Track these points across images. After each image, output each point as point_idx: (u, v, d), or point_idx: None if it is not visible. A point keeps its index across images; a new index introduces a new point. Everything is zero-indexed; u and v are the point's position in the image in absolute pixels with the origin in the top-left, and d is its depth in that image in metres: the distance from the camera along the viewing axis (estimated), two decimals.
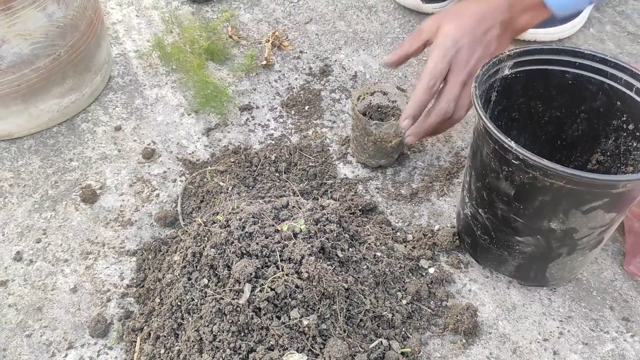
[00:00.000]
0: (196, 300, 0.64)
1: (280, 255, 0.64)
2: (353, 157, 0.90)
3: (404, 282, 0.73)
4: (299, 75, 1.04)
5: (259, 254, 0.64)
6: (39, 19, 0.80)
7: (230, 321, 0.61)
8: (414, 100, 0.78)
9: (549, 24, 1.07)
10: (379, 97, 0.89)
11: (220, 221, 0.69)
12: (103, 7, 1.13)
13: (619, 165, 0.72)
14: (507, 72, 0.71)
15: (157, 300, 0.70)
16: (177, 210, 0.82)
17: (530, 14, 0.79)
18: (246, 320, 0.61)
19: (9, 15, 0.76)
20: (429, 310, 0.72)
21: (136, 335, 0.69)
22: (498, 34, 0.79)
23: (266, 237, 0.65)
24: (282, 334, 0.61)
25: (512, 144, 0.59)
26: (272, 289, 0.62)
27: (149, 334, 0.67)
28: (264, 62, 1.04)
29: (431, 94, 0.78)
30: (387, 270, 0.71)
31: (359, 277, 0.69)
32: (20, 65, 0.81)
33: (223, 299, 0.62)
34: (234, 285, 0.63)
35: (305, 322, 0.61)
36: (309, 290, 0.62)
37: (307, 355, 0.61)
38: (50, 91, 0.88)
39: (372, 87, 0.88)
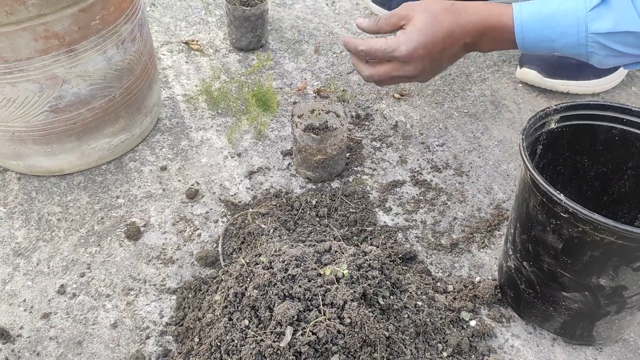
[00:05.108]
0: (236, 341, 0.64)
1: (322, 300, 0.64)
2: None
3: (444, 333, 0.71)
4: None
5: (302, 297, 0.64)
6: (99, 61, 0.84)
7: None
8: (359, 42, 0.90)
9: (582, 77, 1.08)
10: (332, 117, 0.95)
11: (263, 262, 0.69)
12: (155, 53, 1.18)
13: None
14: (553, 125, 0.71)
15: (196, 339, 0.70)
16: (218, 251, 0.83)
17: (498, 43, 0.86)
18: None
19: (71, 57, 0.80)
20: None
21: None
22: (455, 52, 0.88)
23: (309, 281, 0.66)
24: None
25: (562, 196, 0.58)
26: (313, 333, 0.61)
27: None
28: None
29: (355, 54, 0.92)
30: (428, 320, 0.70)
31: (399, 326, 0.68)
32: (78, 105, 0.85)
33: (264, 340, 0.62)
34: (275, 328, 0.62)
35: None
36: (350, 336, 0.61)
37: None
38: (103, 130, 0.91)
39: (327, 107, 0.94)
